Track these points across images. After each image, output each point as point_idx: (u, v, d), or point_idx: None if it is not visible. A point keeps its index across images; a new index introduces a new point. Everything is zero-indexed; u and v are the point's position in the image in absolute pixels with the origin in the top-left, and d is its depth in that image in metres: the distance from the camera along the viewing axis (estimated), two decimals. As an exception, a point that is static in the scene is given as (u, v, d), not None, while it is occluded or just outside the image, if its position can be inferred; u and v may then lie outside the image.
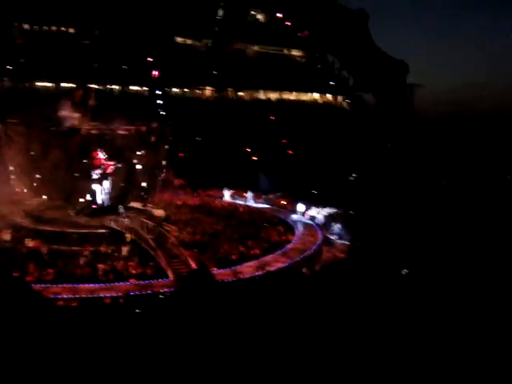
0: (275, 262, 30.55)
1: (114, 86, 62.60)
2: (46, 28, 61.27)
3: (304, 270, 29.17)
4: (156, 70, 60.62)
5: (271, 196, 46.91)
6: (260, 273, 27.93)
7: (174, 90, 67.57)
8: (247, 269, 28.87)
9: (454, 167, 59.78)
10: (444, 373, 13.58)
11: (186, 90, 68.59)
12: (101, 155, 35.35)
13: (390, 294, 18.84)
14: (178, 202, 45.35)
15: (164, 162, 41.21)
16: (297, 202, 43.59)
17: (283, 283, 24.35)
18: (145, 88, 64.18)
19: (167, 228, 34.09)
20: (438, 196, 46.42)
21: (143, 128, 39.11)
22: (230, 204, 46.36)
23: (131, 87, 64.69)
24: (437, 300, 18.49)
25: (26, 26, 60.88)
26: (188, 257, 28.93)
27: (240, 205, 45.88)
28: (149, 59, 60.73)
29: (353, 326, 15.66)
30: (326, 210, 42.06)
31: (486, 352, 14.54)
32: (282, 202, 45.74)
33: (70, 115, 37.99)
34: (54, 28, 61.67)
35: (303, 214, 42.66)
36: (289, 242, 35.04)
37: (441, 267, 23.77)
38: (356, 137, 63.24)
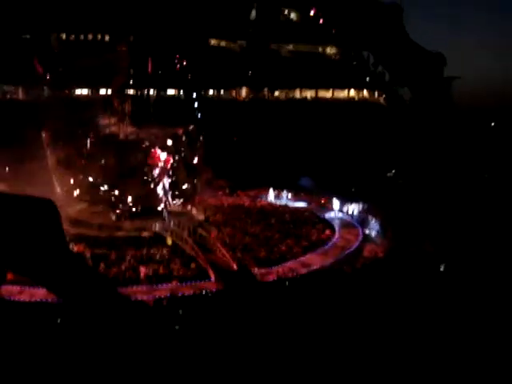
0: (315, 261, 30.46)
1: (150, 91, 63.42)
2: (82, 37, 62.53)
3: (345, 268, 28.97)
4: (191, 73, 61.09)
5: (312, 195, 46.80)
6: (301, 273, 27.86)
7: (210, 92, 68.04)
8: (288, 268, 28.85)
9: (496, 160, 58.45)
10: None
11: (221, 91, 68.96)
12: (159, 152, 35.91)
13: (428, 294, 18.52)
14: (218, 203, 45.56)
15: (202, 164, 41.58)
16: (336, 200, 43.35)
17: (324, 282, 24.20)
18: (181, 92, 64.85)
19: (207, 229, 34.30)
20: (480, 190, 45.46)
21: (180, 131, 39.52)
22: (269, 204, 46.35)
23: (168, 91, 65.42)
24: (472, 301, 18.08)
25: (63, 36, 62.23)
26: (229, 257, 29.06)
27: (279, 205, 45.83)
28: (184, 63, 61.27)
29: (388, 327, 15.39)
30: (364, 207, 41.74)
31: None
32: (322, 200, 45.54)
33: (109, 121, 38.67)
34: (90, 36, 62.86)
35: (343, 211, 42.41)
36: (329, 240, 34.88)
37: (480, 264, 23.28)
38: (394, 132, 62.44)
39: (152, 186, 36.07)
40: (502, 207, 38.36)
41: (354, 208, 41.87)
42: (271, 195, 48.28)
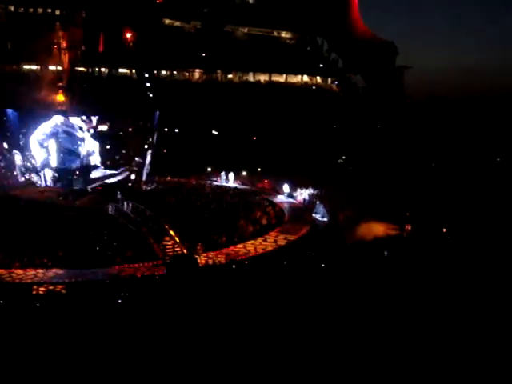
0: (264, 245, 30.68)
1: (102, 69, 62.21)
2: (31, 10, 60.58)
3: (295, 252, 29.24)
4: (144, 53, 60.17)
5: (263, 179, 47.13)
6: (249, 256, 28.00)
7: (163, 72, 67.16)
8: (236, 251, 28.97)
9: (443, 149, 59.92)
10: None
11: (174, 72, 68.17)
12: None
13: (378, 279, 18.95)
14: (168, 185, 45.27)
15: (153, 145, 41.34)
16: (287, 185, 43.67)
17: (272, 266, 24.40)
18: (133, 71, 63.80)
19: (157, 211, 34.06)
20: (427, 178, 46.63)
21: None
22: (220, 187, 46.31)
23: (119, 70, 64.24)
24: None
25: (12, 8, 60.20)
26: (178, 239, 28.98)
27: (231, 188, 45.85)
28: (137, 41, 60.25)
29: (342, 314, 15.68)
30: (310, 191, 42.36)
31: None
32: (273, 185, 45.79)
33: (57, 99, 37.87)
34: (39, 10, 60.96)
35: (292, 195, 42.77)
36: (279, 224, 35.14)
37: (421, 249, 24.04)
38: (346, 119, 63.27)
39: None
40: (447, 196, 39.44)
41: (304, 193, 42.30)
42: (223, 178, 48.29)
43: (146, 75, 61.05)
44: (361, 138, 59.28)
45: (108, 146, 40.47)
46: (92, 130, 38.51)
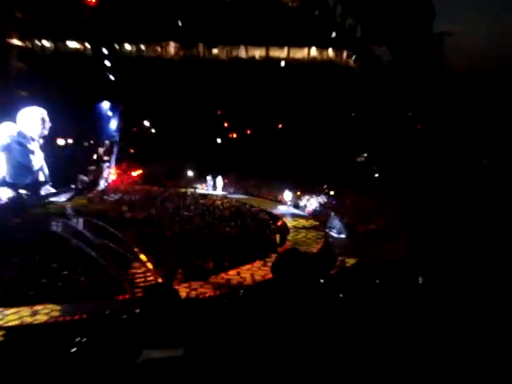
0: (261, 271, 30.88)
1: (45, 43, 62.35)
2: None
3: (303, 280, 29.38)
4: (100, 21, 60.29)
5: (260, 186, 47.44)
6: (243, 285, 28.20)
7: (127, 47, 67.34)
8: (228, 279, 29.16)
9: (496, 142, 59.97)
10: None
11: (142, 46, 68.38)
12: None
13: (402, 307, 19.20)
14: (138, 196, 45.42)
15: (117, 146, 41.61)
16: (289, 193, 43.82)
17: (274, 298, 24.56)
18: (87, 45, 63.93)
19: (122, 228, 34.24)
20: (476, 179, 46.72)
21: None
22: (204, 196, 46.52)
23: (68, 43, 64.37)
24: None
25: None
26: (151, 266, 29.14)
27: (218, 197, 46.04)
28: (91, 6, 60.43)
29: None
30: (322, 199, 42.46)
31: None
32: (272, 192, 46.04)
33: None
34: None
35: (298, 205, 42.99)
36: (282, 242, 35.36)
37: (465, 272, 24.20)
38: (367, 103, 63.47)
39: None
40: (502, 203, 39.49)
41: (314, 202, 42.48)
42: (209, 184, 48.43)
43: (105, 51, 61.20)
44: (387, 129, 59.46)
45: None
46: (42, 141, 39.00)
